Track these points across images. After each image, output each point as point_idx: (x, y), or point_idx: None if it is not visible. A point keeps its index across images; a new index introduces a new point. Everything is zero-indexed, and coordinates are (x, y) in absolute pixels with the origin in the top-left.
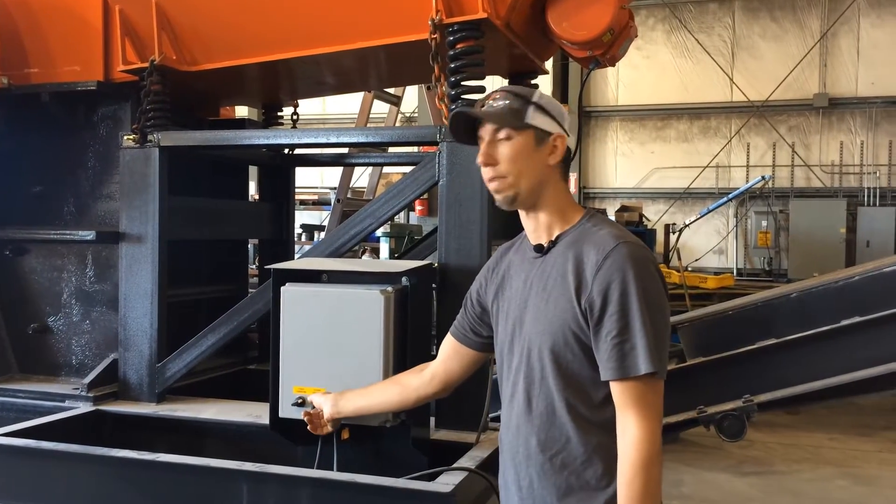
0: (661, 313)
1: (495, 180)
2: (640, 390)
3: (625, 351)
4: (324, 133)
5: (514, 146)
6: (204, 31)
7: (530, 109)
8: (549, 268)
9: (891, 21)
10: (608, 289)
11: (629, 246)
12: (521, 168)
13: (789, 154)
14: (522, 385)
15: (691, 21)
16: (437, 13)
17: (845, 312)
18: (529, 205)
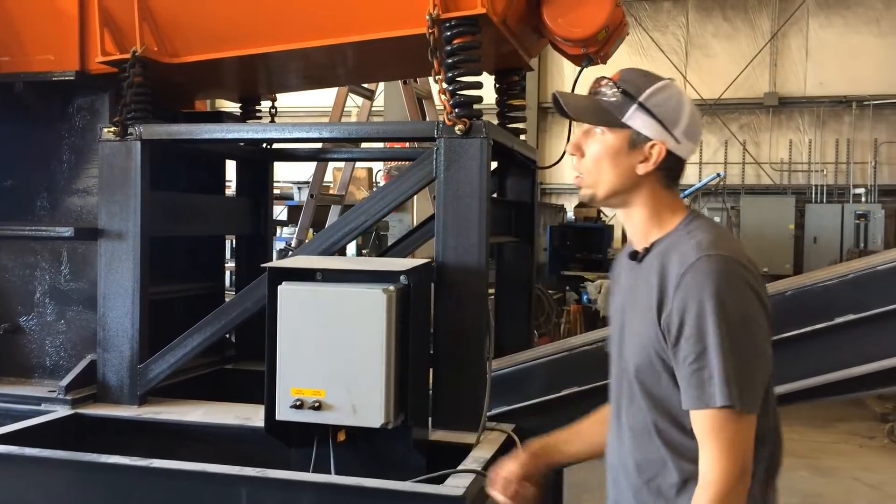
0: (747, 337)
1: (577, 175)
2: (717, 422)
3: (702, 379)
4: (316, 127)
5: (603, 145)
6: (186, 22)
7: (632, 108)
8: (640, 278)
9: (839, 22)
10: (685, 308)
11: (714, 259)
12: (604, 170)
13: (740, 152)
14: (621, 403)
15: (646, 19)
16: (434, 7)
17: (840, 310)
18: (615, 206)
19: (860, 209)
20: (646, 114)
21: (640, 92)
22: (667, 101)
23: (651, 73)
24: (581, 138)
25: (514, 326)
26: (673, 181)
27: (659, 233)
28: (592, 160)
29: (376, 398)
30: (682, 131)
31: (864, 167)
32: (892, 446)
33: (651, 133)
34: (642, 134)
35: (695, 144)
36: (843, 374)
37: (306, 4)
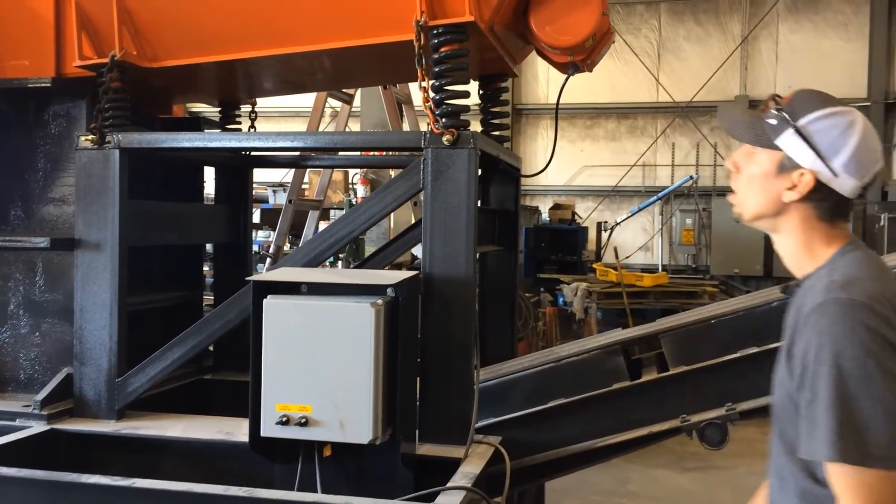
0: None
1: (733, 192)
2: (840, 475)
3: (811, 428)
4: (300, 137)
5: (753, 164)
6: (167, 26)
7: (787, 132)
8: (790, 313)
9: (808, 27)
10: (806, 351)
11: (839, 303)
12: (752, 191)
13: (712, 154)
14: (772, 444)
15: (619, 22)
16: (421, 14)
17: None
18: (764, 229)
19: None
20: (800, 139)
21: (800, 116)
22: (829, 129)
23: (829, 98)
24: (739, 154)
25: (497, 334)
26: (831, 215)
27: (810, 266)
28: (745, 179)
29: (364, 414)
30: (843, 164)
31: None
32: None
33: (803, 160)
34: (793, 160)
35: (859, 181)
36: None
37: (289, 10)
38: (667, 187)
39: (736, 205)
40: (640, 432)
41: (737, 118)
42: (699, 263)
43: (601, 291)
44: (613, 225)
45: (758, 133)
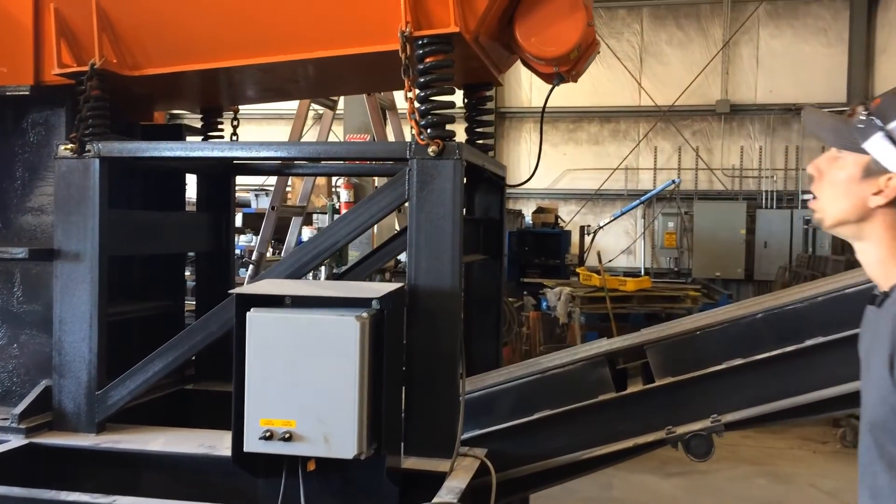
0: None
1: (812, 197)
2: None
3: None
4: (284, 147)
5: (837, 168)
6: (148, 33)
7: (876, 134)
8: (881, 324)
9: (788, 32)
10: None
11: None
12: (834, 196)
13: (693, 158)
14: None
15: (602, 27)
16: (406, 25)
17: (809, 333)
18: (846, 237)
19: (808, 215)
20: (889, 142)
21: (891, 119)
22: None
23: None
24: (822, 159)
25: (483, 343)
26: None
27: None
28: (826, 183)
29: (349, 428)
30: None
31: None
32: (844, 451)
33: (891, 164)
34: (880, 164)
35: None
36: (817, 395)
37: (274, 19)
38: (649, 191)
39: (817, 210)
40: (625, 444)
41: (822, 121)
42: (681, 267)
43: (584, 296)
44: (596, 229)
45: (844, 136)
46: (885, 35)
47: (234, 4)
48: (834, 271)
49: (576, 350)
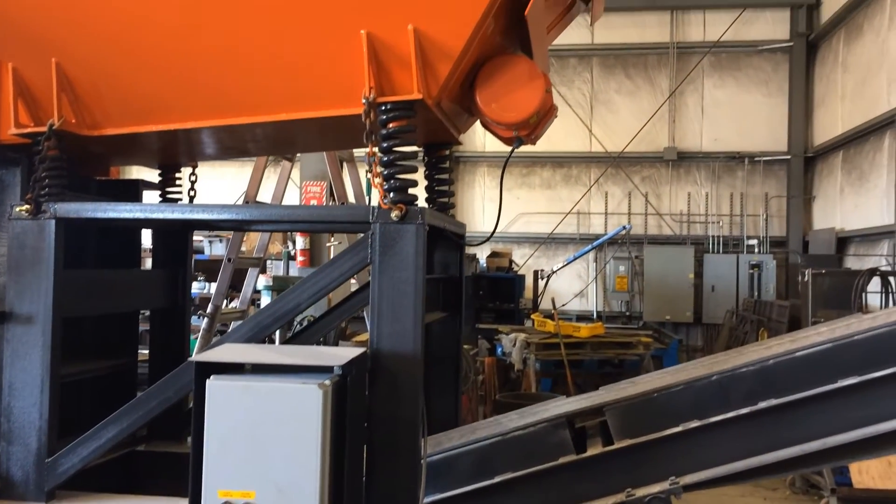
0: None
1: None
2: None
3: None
4: (245, 210)
5: None
6: (108, 94)
7: None
8: None
9: (731, 83)
10: None
11: None
12: None
13: (643, 203)
14: None
15: (553, 75)
16: (370, 91)
17: (762, 395)
18: None
19: (754, 259)
20: None
21: None
22: None
23: None
24: None
25: (442, 399)
26: None
27: None
28: None
29: (311, 499)
30: None
31: (756, 219)
32: (794, 497)
33: None
34: None
35: None
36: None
37: (235, 82)
38: (601, 235)
39: None
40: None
41: None
42: (633, 310)
43: (539, 342)
44: (550, 273)
45: None
46: (822, 88)
47: (196, 67)
48: (779, 316)
49: (535, 410)
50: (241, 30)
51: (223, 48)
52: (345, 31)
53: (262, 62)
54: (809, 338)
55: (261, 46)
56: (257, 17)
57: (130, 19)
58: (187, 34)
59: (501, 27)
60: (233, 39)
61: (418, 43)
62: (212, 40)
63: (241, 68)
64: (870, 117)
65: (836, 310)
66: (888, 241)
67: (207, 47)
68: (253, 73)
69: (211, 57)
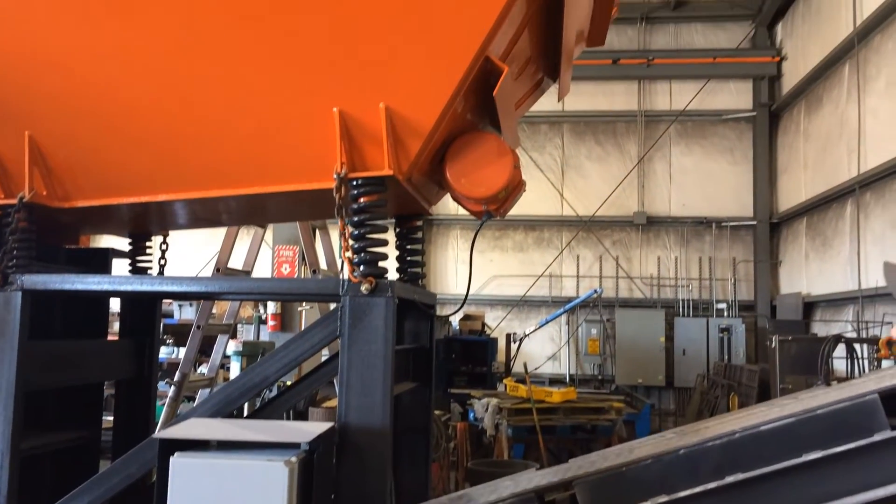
0: None
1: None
2: None
3: None
4: (216, 282)
5: None
6: (81, 166)
7: None
8: None
9: (697, 150)
10: None
11: None
12: None
13: (614, 266)
14: None
15: (525, 140)
16: (342, 167)
17: (729, 469)
18: None
19: (723, 323)
20: None
21: None
22: None
23: None
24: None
25: (412, 471)
26: None
27: None
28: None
29: None
30: None
31: (724, 283)
32: None
33: None
34: None
35: None
36: None
37: (208, 157)
38: (573, 297)
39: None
40: None
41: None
42: (605, 373)
43: (511, 408)
44: (522, 337)
45: None
46: (785, 156)
47: (169, 141)
48: (749, 380)
49: (506, 484)
50: (214, 105)
51: (197, 122)
52: (318, 109)
53: (235, 137)
54: (774, 411)
55: (235, 122)
56: (231, 92)
57: (105, 93)
58: (161, 108)
59: (471, 105)
60: (207, 114)
61: (390, 120)
62: (185, 114)
63: (214, 142)
64: (831, 185)
65: (804, 375)
66: (852, 307)
67: (181, 121)
68: (226, 147)
69: (184, 131)
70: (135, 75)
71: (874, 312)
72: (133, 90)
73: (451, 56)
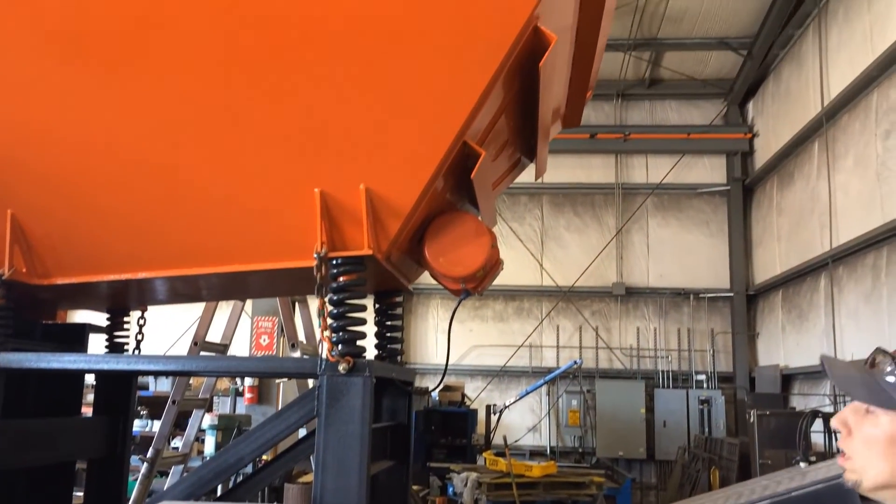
0: None
1: (842, 454)
2: None
3: None
4: (193, 361)
5: (870, 426)
6: (61, 244)
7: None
8: None
9: (674, 223)
10: None
11: None
12: (874, 457)
13: (594, 337)
14: None
15: (505, 210)
16: (321, 246)
17: None
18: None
19: (703, 395)
20: None
21: None
22: None
23: None
24: (850, 413)
25: None
26: None
27: None
28: (862, 442)
29: None
30: None
31: (703, 354)
32: None
33: None
34: None
35: None
36: None
37: (189, 235)
38: (553, 368)
39: (851, 471)
40: None
41: (851, 377)
42: (585, 446)
43: (491, 482)
44: (502, 408)
45: (877, 393)
46: (759, 229)
47: (150, 220)
48: (729, 454)
49: None
50: (196, 184)
51: (179, 201)
52: (299, 189)
53: (217, 216)
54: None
55: (217, 201)
56: (214, 172)
57: (86, 170)
58: (142, 187)
59: (450, 185)
60: (189, 193)
61: (370, 201)
62: (166, 192)
63: (195, 220)
64: (805, 259)
65: (784, 449)
66: (829, 380)
67: (163, 200)
68: (208, 225)
69: (166, 209)
70: (116, 153)
71: None
72: (114, 167)
73: (431, 140)
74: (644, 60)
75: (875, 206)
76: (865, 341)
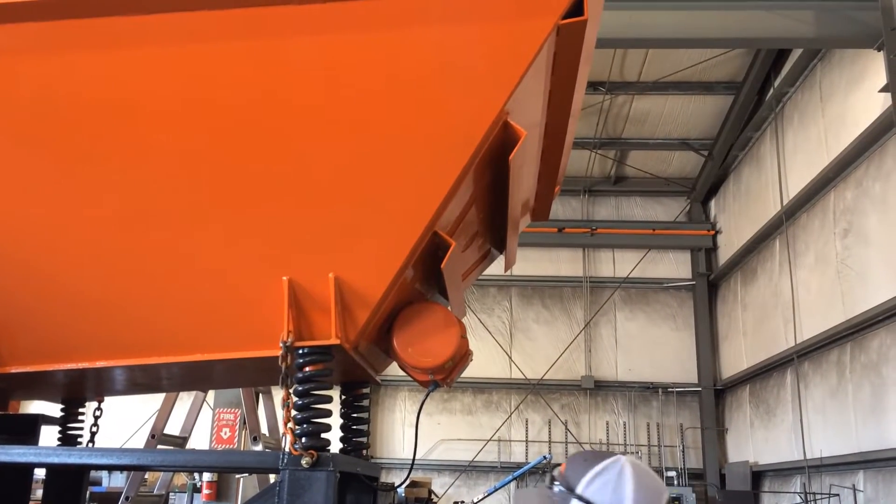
0: None
1: None
2: None
3: None
4: (149, 455)
5: None
6: (16, 330)
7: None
8: None
9: (641, 316)
10: None
11: None
12: None
13: (563, 431)
14: None
15: (474, 302)
16: (288, 335)
17: None
18: None
19: (674, 492)
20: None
21: (575, 483)
22: (603, 487)
23: (595, 455)
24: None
25: None
26: None
27: None
28: None
29: None
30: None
31: (673, 450)
32: None
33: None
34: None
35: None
36: None
37: (151, 322)
38: (522, 463)
39: None
40: None
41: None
42: None
43: None
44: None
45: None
46: (725, 324)
47: (109, 307)
48: None
49: None
50: (158, 272)
51: (139, 289)
52: (267, 277)
53: (180, 304)
54: None
55: (180, 289)
56: (177, 260)
57: (42, 256)
58: (102, 274)
59: (419, 275)
60: (150, 281)
61: (338, 290)
62: (127, 281)
63: (157, 309)
64: (771, 354)
65: None
66: (799, 477)
67: (123, 287)
68: (170, 314)
69: (126, 297)
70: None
71: (821, 483)
72: (73, 254)
73: (401, 231)
74: (609, 158)
75: (836, 302)
76: (833, 437)
